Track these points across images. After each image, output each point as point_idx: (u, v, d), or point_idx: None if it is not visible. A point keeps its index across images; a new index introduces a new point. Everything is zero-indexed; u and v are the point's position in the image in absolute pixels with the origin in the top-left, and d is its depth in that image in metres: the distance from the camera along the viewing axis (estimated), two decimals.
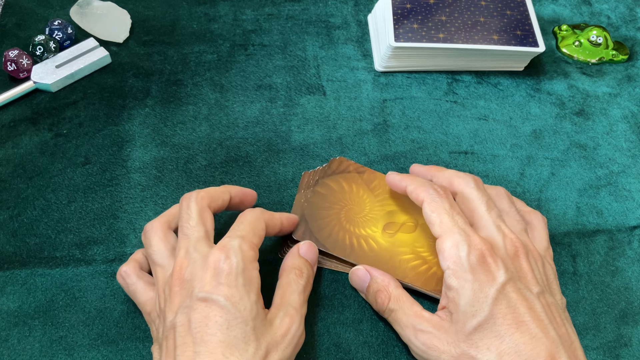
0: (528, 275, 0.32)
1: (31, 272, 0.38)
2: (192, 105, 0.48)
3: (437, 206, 0.34)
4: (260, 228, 0.34)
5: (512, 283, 0.31)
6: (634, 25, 0.58)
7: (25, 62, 0.47)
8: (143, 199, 0.42)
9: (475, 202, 0.35)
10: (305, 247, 0.37)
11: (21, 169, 0.43)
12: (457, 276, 0.32)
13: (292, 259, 0.36)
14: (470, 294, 0.31)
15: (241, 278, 0.30)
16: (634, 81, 0.53)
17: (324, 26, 0.55)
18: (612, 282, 0.41)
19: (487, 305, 0.30)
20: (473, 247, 0.32)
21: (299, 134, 0.47)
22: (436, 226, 0.34)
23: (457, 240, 0.32)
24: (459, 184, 0.36)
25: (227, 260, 0.31)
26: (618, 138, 0.49)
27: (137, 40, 0.52)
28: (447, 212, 0.34)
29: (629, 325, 0.39)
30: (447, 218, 0.33)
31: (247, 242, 0.32)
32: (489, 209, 0.34)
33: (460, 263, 0.32)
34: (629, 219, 0.44)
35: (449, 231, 0.33)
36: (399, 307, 0.34)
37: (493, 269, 0.31)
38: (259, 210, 0.35)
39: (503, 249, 0.33)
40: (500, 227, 0.34)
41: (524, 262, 0.33)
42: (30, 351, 0.35)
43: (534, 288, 0.32)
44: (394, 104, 0.49)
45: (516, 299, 0.30)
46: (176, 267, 0.32)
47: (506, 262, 0.32)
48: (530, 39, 0.49)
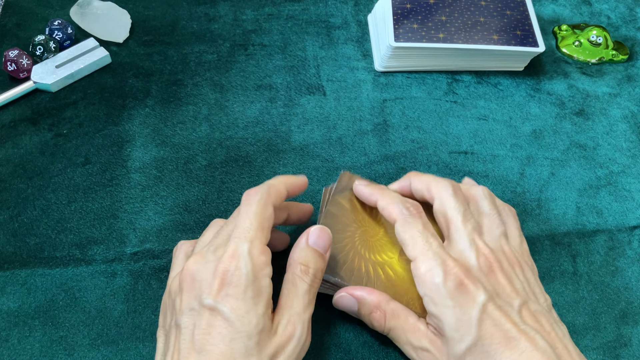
0: (507, 288, 0.32)
1: (31, 272, 0.38)
2: (192, 105, 0.48)
3: (410, 227, 0.33)
4: (269, 217, 0.32)
5: (492, 301, 0.31)
6: (634, 25, 0.58)
7: (25, 62, 0.47)
8: (143, 199, 0.42)
9: (451, 212, 0.34)
10: (315, 234, 0.33)
11: (21, 169, 0.43)
12: (436, 303, 0.31)
13: (298, 251, 0.33)
14: (452, 320, 0.30)
15: (250, 290, 0.29)
16: (633, 81, 0.53)
17: (324, 26, 0.55)
18: (612, 282, 0.41)
19: (472, 328, 0.30)
20: (448, 272, 0.31)
21: (299, 134, 0.47)
22: (409, 248, 0.33)
23: (432, 265, 0.31)
24: (437, 190, 0.35)
25: (237, 272, 0.29)
26: (618, 138, 0.49)
27: (137, 40, 0.52)
28: (420, 233, 0.33)
29: (629, 325, 0.39)
30: (421, 240, 0.32)
31: (257, 244, 0.31)
32: (464, 220, 0.33)
33: (438, 290, 0.31)
34: (628, 219, 0.44)
35: (422, 255, 0.32)
36: (395, 324, 0.33)
37: (471, 290, 0.31)
38: (264, 192, 0.33)
39: (477, 267, 0.32)
40: (475, 241, 0.33)
41: (500, 277, 0.32)
42: (31, 351, 0.35)
43: (515, 301, 0.31)
44: (394, 104, 0.49)
45: (499, 317, 0.30)
46: (190, 262, 0.31)
47: (483, 281, 0.31)
48: (530, 39, 0.49)
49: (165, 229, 0.41)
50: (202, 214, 0.42)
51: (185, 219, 0.41)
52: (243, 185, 0.43)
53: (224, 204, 0.42)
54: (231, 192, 0.43)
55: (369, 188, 0.36)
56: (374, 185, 0.37)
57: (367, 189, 0.36)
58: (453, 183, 0.36)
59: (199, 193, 0.43)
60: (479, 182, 0.45)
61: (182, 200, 0.42)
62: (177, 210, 0.42)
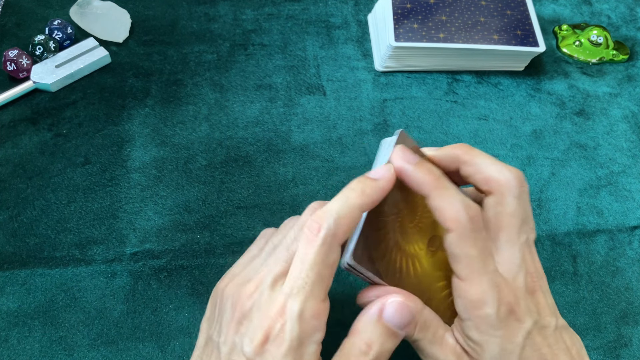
0: (545, 309, 0.29)
1: (31, 272, 0.38)
2: (192, 105, 0.48)
3: (469, 244, 0.27)
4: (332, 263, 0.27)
5: (536, 325, 0.29)
6: (635, 25, 0.58)
7: (25, 62, 0.47)
8: (143, 199, 0.42)
9: (509, 219, 0.29)
10: (392, 309, 0.27)
11: (21, 169, 0.43)
12: (482, 331, 0.28)
13: (365, 324, 0.27)
14: (497, 350, 0.28)
15: (290, 357, 0.26)
16: (634, 81, 0.53)
17: (324, 26, 0.55)
18: (612, 282, 0.40)
19: (515, 355, 0.28)
20: (502, 302, 0.27)
21: (299, 134, 0.47)
22: (461, 266, 0.28)
23: (486, 291, 0.27)
24: (498, 183, 0.29)
25: (281, 335, 0.26)
26: (618, 138, 0.49)
27: (137, 40, 0.52)
28: (479, 253, 0.27)
29: (629, 326, 0.39)
30: (478, 263, 0.27)
31: (311, 305, 0.26)
32: (519, 233, 0.29)
33: (488, 319, 0.27)
34: (629, 219, 0.44)
35: (477, 279, 0.27)
36: (425, 336, 0.29)
37: (520, 317, 0.28)
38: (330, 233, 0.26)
39: (524, 288, 0.29)
40: (525, 257, 0.29)
41: (540, 297, 0.29)
42: (30, 351, 0.35)
43: (552, 322, 0.30)
44: (394, 103, 0.49)
45: (540, 342, 0.29)
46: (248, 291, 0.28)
47: (529, 305, 0.29)
48: (530, 38, 0.49)
49: (165, 229, 0.41)
50: (202, 214, 0.42)
51: (185, 219, 0.41)
52: (243, 185, 0.43)
53: (223, 204, 0.42)
54: (231, 192, 0.43)
55: (417, 172, 0.28)
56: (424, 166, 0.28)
57: (419, 174, 0.28)
58: (519, 177, 0.29)
59: (198, 193, 0.43)
60: None
61: (182, 200, 0.42)
62: (177, 210, 0.42)
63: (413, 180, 0.28)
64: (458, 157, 0.30)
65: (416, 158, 0.29)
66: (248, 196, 0.43)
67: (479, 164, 0.29)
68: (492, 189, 0.29)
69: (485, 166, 0.29)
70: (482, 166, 0.29)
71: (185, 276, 0.39)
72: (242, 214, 0.42)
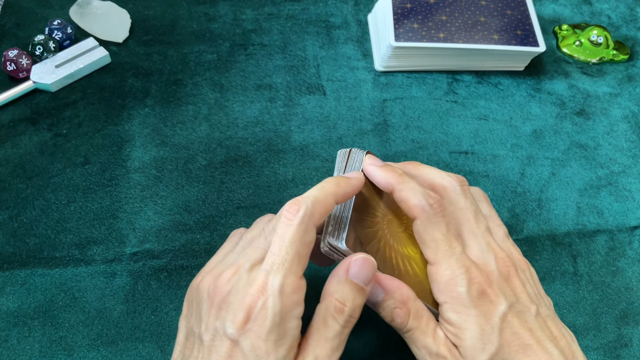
0: (523, 295, 0.31)
1: (31, 272, 0.38)
2: (192, 105, 0.48)
3: (432, 228, 0.30)
4: (309, 243, 0.28)
5: (512, 309, 0.30)
6: (635, 25, 0.58)
7: (25, 61, 0.47)
8: (143, 199, 0.42)
9: (463, 213, 0.32)
10: (357, 265, 0.29)
11: (21, 169, 0.43)
12: (458, 311, 0.30)
13: (335, 284, 0.29)
14: (476, 329, 0.29)
15: (274, 333, 0.27)
16: (634, 81, 0.53)
17: (324, 26, 0.55)
18: (612, 282, 0.40)
19: (494, 336, 0.29)
20: (472, 281, 0.29)
21: (299, 134, 0.47)
22: (430, 250, 0.31)
23: (455, 273, 0.30)
24: (443, 187, 0.32)
25: (263, 311, 0.27)
26: (618, 138, 0.49)
27: (136, 40, 0.52)
28: (443, 236, 0.30)
29: (629, 326, 0.39)
30: (444, 245, 0.30)
31: (291, 280, 0.27)
32: (477, 222, 0.32)
33: (461, 299, 0.29)
34: (629, 219, 0.44)
35: (445, 261, 0.30)
36: (417, 325, 0.30)
37: (493, 299, 0.30)
38: (307, 213, 0.28)
39: (497, 272, 0.31)
40: (490, 244, 0.31)
41: (516, 282, 0.31)
42: (30, 351, 0.35)
43: (531, 307, 0.31)
44: (394, 103, 0.49)
45: (518, 325, 0.30)
46: (225, 277, 0.29)
47: (503, 288, 0.30)
48: (530, 38, 0.49)
49: (165, 229, 0.41)
50: (201, 214, 0.42)
51: (185, 219, 0.41)
52: (243, 185, 0.43)
53: (223, 204, 0.42)
54: (231, 192, 0.43)
55: (383, 171, 0.32)
56: (389, 167, 0.32)
57: (382, 173, 0.32)
58: (460, 179, 0.33)
59: (198, 193, 0.43)
60: (480, 182, 0.45)
61: (181, 200, 0.42)
62: (177, 210, 0.42)
63: (380, 177, 0.32)
64: (407, 171, 0.34)
65: (381, 162, 0.33)
66: (248, 196, 0.43)
67: (425, 175, 0.34)
68: (439, 193, 0.33)
69: (429, 175, 0.33)
70: (427, 176, 0.33)
71: (185, 276, 0.39)
72: (242, 214, 0.42)
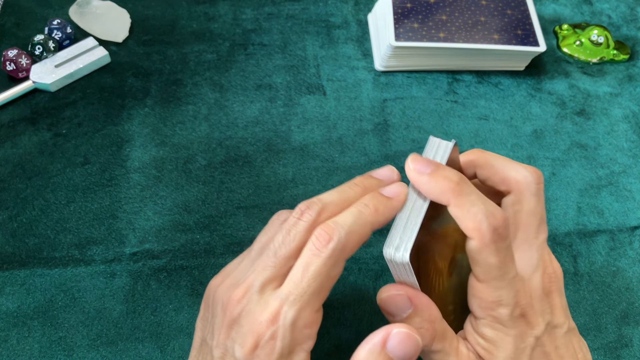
0: (559, 312, 0.29)
1: (30, 273, 0.38)
2: (192, 105, 0.48)
3: (493, 255, 0.26)
4: (334, 276, 0.26)
5: (548, 327, 0.29)
6: (635, 24, 0.58)
7: (25, 61, 0.47)
8: (142, 199, 0.42)
9: (528, 218, 0.29)
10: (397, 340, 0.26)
11: (20, 169, 0.43)
12: (495, 329, 0.28)
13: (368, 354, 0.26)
14: (511, 348, 0.28)
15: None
16: (635, 81, 0.53)
17: (324, 25, 0.55)
18: (613, 282, 0.40)
19: (526, 356, 0.28)
20: (517, 304, 0.27)
21: (299, 134, 0.47)
22: (480, 270, 0.27)
23: (502, 296, 0.27)
24: (516, 182, 0.29)
25: (271, 342, 0.25)
26: (619, 138, 0.49)
27: (136, 39, 0.52)
28: (499, 261, 0.26)
29: (630, 326, 0.38)
30: (497, 270, 0.27)
31: (306, 314, 0.26)
32: (538, 232, 0.29)
33: (501, 319, 0.28)
34: (630, 219, 0.44)
35: (494, 283, 0.27)
36: (442, 347, 0.28)
37: (532, 320, 0.28)
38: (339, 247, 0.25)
39: (540, 288, 0.28)
40: (543, 257, 0.29)
41: (557, 298, 0.29)
42: (30, 352, 0.35)
43: (564, 324, 0.30)
44: (395, 103, 0.49)
45: (550, 345, 0.29)
46: (238, 294, 0.27)
47: (543, 307, 0.29)
48: (530, 38, 0.49)
49: (165, 229, 0.41)
50: (201, 214, 0.42)
51: (185, 219, 0.41)
52: (243, 185, 0.43)
53: (223, 204, 0.42)
54: (231, 192, 0.43)
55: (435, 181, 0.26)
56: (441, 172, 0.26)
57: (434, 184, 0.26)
58: (537, 174, 0.29)
59: (198, 193, 0.43)
60: None
61: (181, 200, 0.42)
62: (177, 210, 0.42)
63: (428, 191, 0.27)
64: (473, 162, 0.30)
65: (431, 166, 0.27)
66: (248, 196, 0.43)
67: (495, 165, 0.29)
68: (510, 188, 0.29)
69: (501, 166, 0.29)
70: (499, 167, 0.29)
71: (185, 276, 0.39)
72: (242, 214, 0.42)
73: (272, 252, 0.27)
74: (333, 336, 0.37)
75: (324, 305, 0.37)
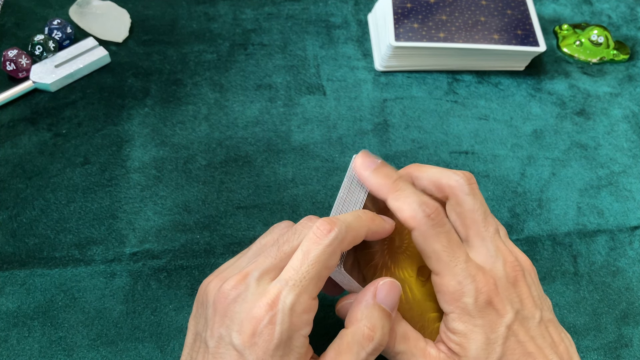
0: (529, 300, 0.30)
1: (30, 273, 0.38)
2: (192, 105, 0.48)
3: (433, 240, 0.29)
4: (332, 266, 0.27)
5: (518, 316, 0.30)
6: (635, 24, 0.58)
7: (25, 61, 0.47)
8: (142, 199, 0.42)
9: (471, 215, 0.30)
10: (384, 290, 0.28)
11: (20, 169, 0.43)
12: (464, 321, 0.29)
13: (363, 309, 0.28)
14: (481, 339, 0.29)
15: (280, 350, 0.26)
16: (634, 81, 0.53)
17: (324, 26, 0.55)
18: (613, 282, 0.40)
19: (499, 346, 0.29)
20: (479, 291, 0.28)
21: (299, 134, 0.47)
22: (432, 261, 0.29)
23: (461, 283, 0.28)
24: (450, 187, 0.31)
25: (269, 327, 0.26)
26: (619, 138, 0.49)
27: (136, 39, 0.52)
28: (444, 247, 0.29)
29: (629, 326, 0.38)
30: (446, 256, 0.29)
31: (304, 300, 0.26)
32: (486, 224, 0.30)
33: (467, 309, 0.29)
34: (630, 219, 0.44)
35: (448, 271, 0.29)
36: (405, 349, 0.29)
37: (499, 308, 0.29)
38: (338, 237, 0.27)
39: (504, 277, 0.30)
40: (499, 248, 0.30)
41: (523, 287, 0.30)
42: (30, 352, 0.35)
43: (536, 314, 0.30)
44: (395, 103, 0.49)
45: (522, 333, 0.29)
46: (231, 284, 0.27)
47: (510, 295, 0.30)
48: (530, 38, 0.49)
49: (165, 229, 0.41)
50: (201, 214, 0.42)
51: (185, 219, 0.41)
52: (242, 185, 0.43)
53: (223, 204, 0.42)
54: (231, 192, 0.43)
55: (375, 176, 0.30)
56: (383, 171, 0.30)
57: (374, 179, 0.30)
58: (467, 177, 0.31)
59: (198, 193, 0.43)
60: (480, 182, 0.45)
61: (181, 200, 0.42)
62: (177, 210, 0.42)
63: (371, 185, 0.30)
64: (410, 176, 0.32)
65: (375, 163, 0.30)
66: (248, 196, 0.43)
67: (429, 176, 0.31)
68: (446, 194, 0.31)
69: (435, 176, 0.31)
70: (432, 177, 0.31)
71: (185, 276, 0.39)
72: (242, 214, 0.42)
73: (275, 247, 0.29)
74: (333, 336, 0.37)
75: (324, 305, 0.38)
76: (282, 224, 0.33)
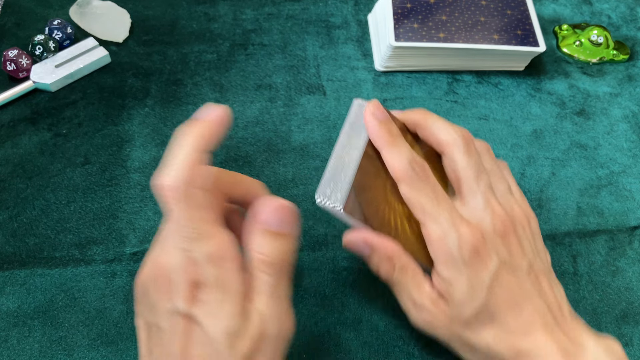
0: (517, 251, 0.31)
1: (30, 273, 0.38)
2: (192, 105, 0.48)
3: (417, 192, 0.31)
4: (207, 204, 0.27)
5: (504, 266, 0.31)
6: (635, 24, 0.58)
7: (25, 61, 0.47)
8: (142, 198, 0.42)
9: (464, 171, 0.32)
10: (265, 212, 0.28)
11: (20, 169, 0.43)
12: (449, 268, 0.30)
13: (252, 237, 0.28)
14: (466, 285, 0.30)
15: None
16: (634, 81, 0.53)
17: (324, 26, 0.55)
18: (612, 282, 0.40)
19: (482, 292, 0.30)
20: (463, 240, 0.30)
21: (299, 134, 0.47)
22: (417, 210, 0.31)
23: (445, 231, 0.30)
24: (447, 144, 0.32)
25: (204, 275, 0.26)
26: (619, 138, 0.49)
27: (136, 39, 0.52)
28: (429, 198, 0.30)
29: (629, 325, 0.39)
30: (429, 205, 0.30)
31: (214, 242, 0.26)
32: (478, 180, 0.32)
33: (452, 256, 0.30)
34: (629, 219, 0.44)
35: (433, 219, 0.30)
36: (402, 279, 0.32)
37: (485, 257, 0.30)
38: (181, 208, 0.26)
39: (492, 230, 0.31)
40: (490, 201, 0.31)
41: (512, 240, 0.31)
42: (30, 352, 0.35)
43: (524, 263, 0.31)
44: (395, 103, 0.49)
45: (508, 281, 0.30)
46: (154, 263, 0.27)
47: (497, 246, 0.31)
48: (530, 38, 0.49)
49: None
50: None
51: None
52: None
53: None
54: None
55: (380, 128, 0.32)
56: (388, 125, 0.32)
57: (379, 130, 0.32)
58: (464, 135, 0.33)
59: None
60: None
61: None
62: None
63: (373, 134, 0.32)
64: (415, 122, 0.34)
65: (385, 116, 0.32)
66: None
67: (431, 128, 0.33)
68: (442, 149, 0.33)
69: (436, 130, 0.33)
70: (434, 130, 0.33)
71: None
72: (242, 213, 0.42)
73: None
74: (333, 336, 0.37)
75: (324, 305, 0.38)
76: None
